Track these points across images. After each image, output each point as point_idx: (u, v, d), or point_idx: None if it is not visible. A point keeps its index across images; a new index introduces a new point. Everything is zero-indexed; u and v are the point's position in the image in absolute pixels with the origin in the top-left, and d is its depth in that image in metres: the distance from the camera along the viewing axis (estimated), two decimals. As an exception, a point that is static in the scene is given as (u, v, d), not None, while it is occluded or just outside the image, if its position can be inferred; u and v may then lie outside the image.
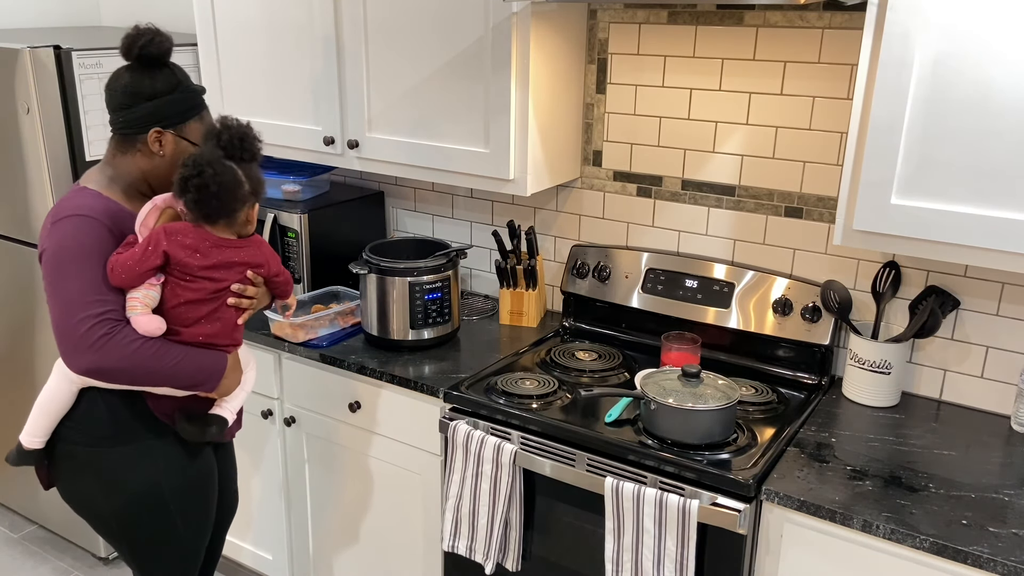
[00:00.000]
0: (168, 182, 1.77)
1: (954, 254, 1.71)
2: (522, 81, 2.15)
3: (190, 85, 1.80)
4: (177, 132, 1.77)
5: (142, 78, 1.74)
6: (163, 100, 1.75)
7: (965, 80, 1.61)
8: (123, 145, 1.78)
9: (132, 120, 1.75)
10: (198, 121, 1.81)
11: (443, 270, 2.33)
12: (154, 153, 1.77)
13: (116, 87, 1.75)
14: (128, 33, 1.73)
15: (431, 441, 2.22)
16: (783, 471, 1.79)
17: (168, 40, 1.75)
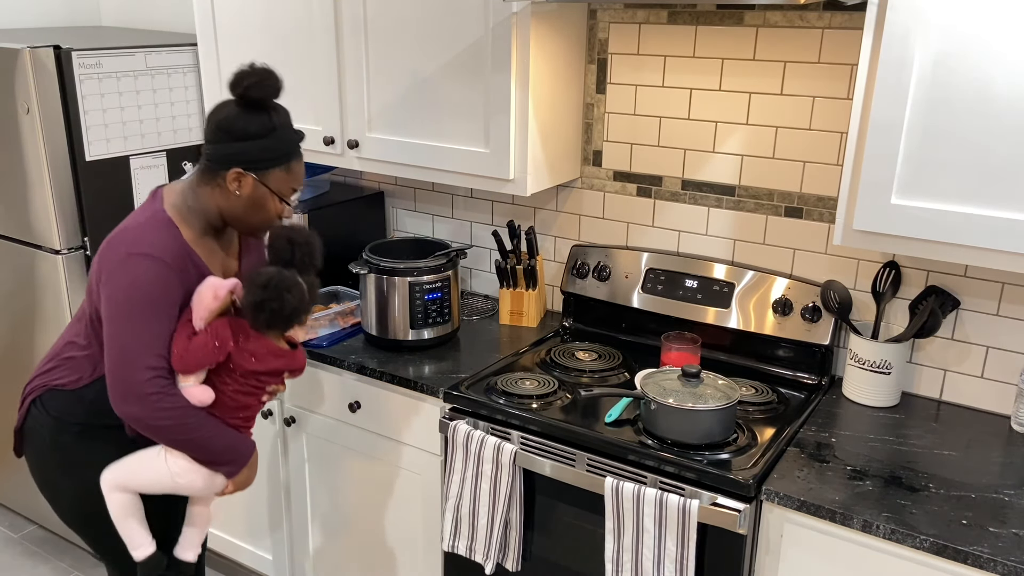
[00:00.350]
0: (241, 222, 1.81)
1: (954, 254, 1.71)
2: (522, 81, 2.15)
3: (285, 134, 1.77)
4: (259, 176, 1.76)
5: (238, 117, 1.72)
6: (251, 143, 1.73)
7: (965, 80, 1.61)
8: (206, 176, 1.78)
9: (217, 155, 1.75)
10: (284, 170, 1.78)
11: (443, 270, 2.33)
12: (231, 192, 1.76)
13: (213, 119, 1.75)
14: (240, 68, 1.72)
15: (431, 441, 2.22)
16: (783, 471, 1.79)
17: (275, 84, 1.73)
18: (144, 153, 2.74)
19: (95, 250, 2.66)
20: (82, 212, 2.63)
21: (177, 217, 1.79)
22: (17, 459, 3.05)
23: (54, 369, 1.90)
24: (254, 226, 1.83)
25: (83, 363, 1.86)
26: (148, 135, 2.74)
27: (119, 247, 1.74)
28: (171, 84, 2.77)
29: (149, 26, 3.32)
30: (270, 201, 1.79)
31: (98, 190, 2.65)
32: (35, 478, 1.96)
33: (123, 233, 1.76)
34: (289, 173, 1.79)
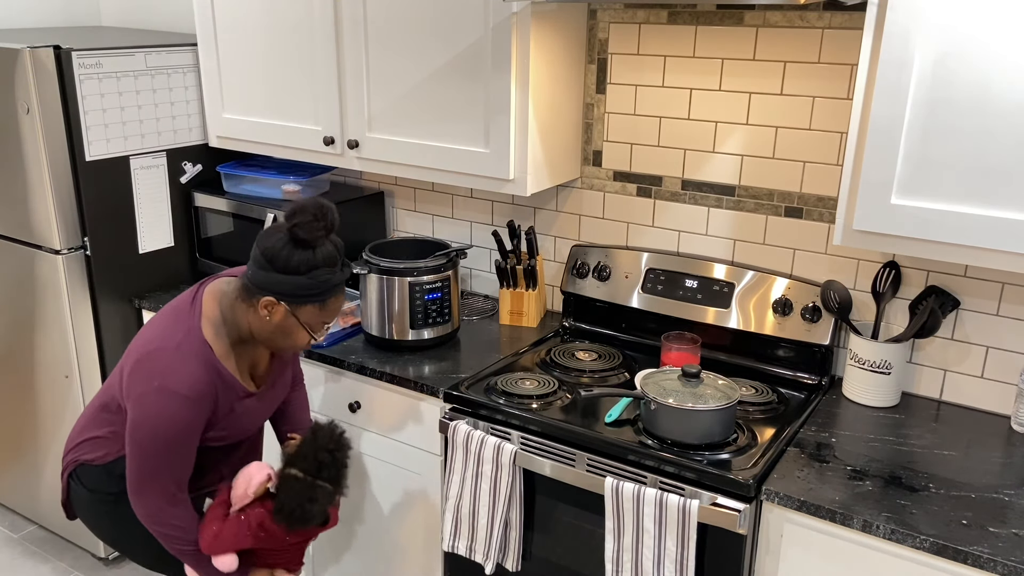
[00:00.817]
0: (268, 343, 1.83)
1: (954, 254, 1.71)
2: (522, 81, 2.15)
3: (324, 275, 1.75)
4: (291, 308, 1.77)
5: (283, 248, 1.73)
6: (289, 278, 1.73)
7: (965, 80, 1.61)
8: (244, 294, 1.80)
9: (256, 280, 1.75)
10: (317, 307, 1.79)
11: (443, 270, 2.33)
12: (262, 316, 1.78)
13: (260, 244, 1.76)
14: (298, 203, 1.72)
15: (431, 441, 2.22)
16: (783, 471, 1.79)
17: (324, 227, 1.72)
18: (144, 153, 2.74)
19: (95, 250, 2.67)
20: (82, 212, 2.63)
21: (211, 332, 1.80)
22: (14, 460, 3.05)
23: (81, 444, 1.94)
24: (281, 348, 1.86)
25: (108, 442, 1.91)
26: (148, 135, 2.74)
27: (152, 375, 1.75)
28: (171, 84, 2.77)
29: (149, 26, 3.32)
30: (298, 331, 1.80)
31: (98, 190, 2.64)
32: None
33: (158, 356, 1.76)
34: (323, 310, 1.80)
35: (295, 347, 1.85)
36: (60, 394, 2.80)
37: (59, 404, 2.81)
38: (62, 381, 2.78)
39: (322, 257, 1.75)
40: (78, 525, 2.95)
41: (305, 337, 1.82)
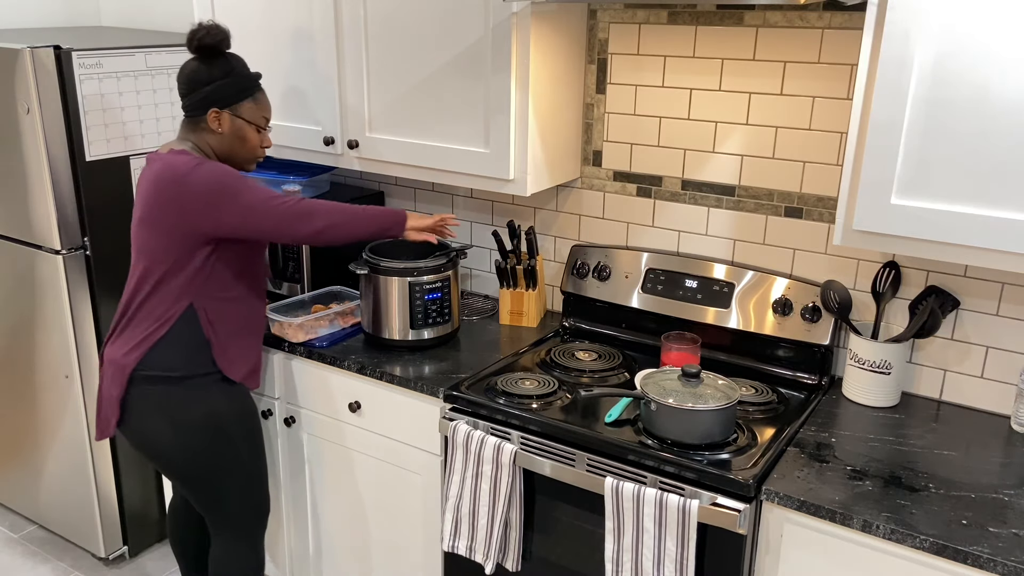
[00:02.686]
0: (231, 157, 2.12)
1: (954, 254, 1.71)
2: (522, 81, 2.15)
3: (243, 71, 2.09)
4: (232, 112, 2.08)
5: (200, 66, 2.05)
6: (218, 85, 2.04)
7: (965, 80, 1.61)
8: (189, 125, 2.10)
9: (194, 103, 2.06)
10: (252, 102, 2.10)
11: (443, 270, 2.33)
12: (214, 131, 2.08)
13: (181, 76, 2.06)
14: (190, 29, 2.02)
15: (431, 441, 2.22)
16: (783, 471, 1.79)
17: (221, 32, 2.03)
18: (144, 153, 2.74)
19: (95, 250, 2.67)
20: (82, 212, 2.63)
21: (197, 155, 2.07)
22: (14, 460, 3.04)
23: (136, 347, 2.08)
24: (243, 158, 2.14)
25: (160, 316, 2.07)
26: (148, 135, 2.74)
27: (181, 170, 1.99)
28: (171, 84, 2.77)
29: (149, 26, 3.32)
30: (249, 131, 2.11)
31: (98, 190, 2.65)
32: (146, 450, 2.15)
33: (173, 165, 2.00)
34: (257, 104, 2.11)
35: (254, 151, 2.14)
36: (60, 394, 2.80)
37: (59, 404, 2.81)
38: (62, 381, 2.78)
39: (233, 59, 2.08)
40: (78, 525, 2.95)
41: (256, 136, 2.12)
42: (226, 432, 2.16)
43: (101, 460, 2.84)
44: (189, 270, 2.05)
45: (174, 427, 2.10)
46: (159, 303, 2.07)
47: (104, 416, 2.14)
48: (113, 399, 2.10)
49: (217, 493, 2.20)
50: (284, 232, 2.03)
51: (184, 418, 2.10)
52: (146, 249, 2.06)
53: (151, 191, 2.02)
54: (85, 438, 2.79)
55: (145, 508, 3.01)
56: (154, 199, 2.02)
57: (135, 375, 2.07)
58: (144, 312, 2.09)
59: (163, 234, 2.02)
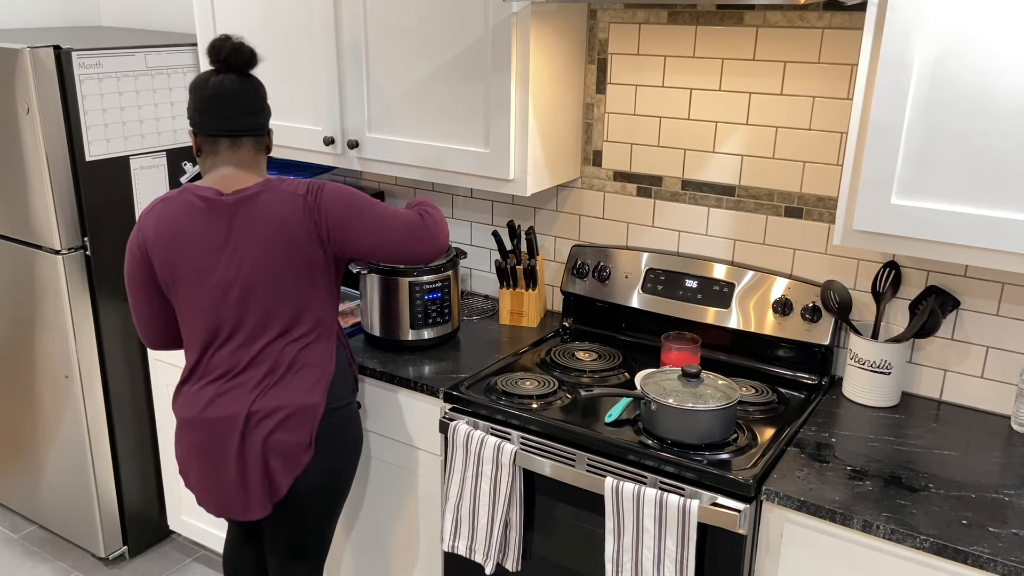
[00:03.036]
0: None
1: (954, 254, 1.71)
2: (522, 81, 2.15)
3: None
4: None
5: (251, 81, 1.88)
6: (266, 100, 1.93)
7: (965, 80, 1.61)
8: (258, 144, 1.93)
9: (259, 122, 1.90)
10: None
11: (443, 270, 2.33)
12: (269, 148, 1.96)
13: (245, 90, 1.86)
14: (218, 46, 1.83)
15: (431, 441, 2.22)
16: (783, 471, 1.79)
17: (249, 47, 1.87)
18: (144, 153, 2.74)
19: (95, 250, 2.67)
20: (82, 212, 2.63)
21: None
22: (14, 460, 3.04)
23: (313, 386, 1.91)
24: None
25: (319, 342, 1.94)
26: (148, 135, 2.74)
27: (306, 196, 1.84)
28: (171, 84, 2.77)
29: (149, 26, 3.32)
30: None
31: (98, 190, 2.65)
32: (324, 490, 1.99)
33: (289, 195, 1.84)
34: None
35: None
36: (60, 394, 2.80)
37: (59, 404, 2.81)
38: (62, 381, 2.78)
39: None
40: (78, 525, 2.95)
41: None
42: (358, 458, 2.10)
43: (101, 460, 2.84)
44: (331, 296, 1.95)
45: (351, 458, 2.03)
46: (318, 337, 1.92)
47: (288, 464, 1.89)
48: (302, 444, 1.88)
49: (330, 526, 2.08)
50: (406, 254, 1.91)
51: (354, 447, 2.04)
52: (289, 292, 1.85)
53: (281, 232, 1.80)
54: (85, 438, 2.79)
55: (145, 508, 3.01)
56: (289, 236, 1.81)
57: (327, 411, 1.93)
58: (307, 351, 1.90)
59: (306, 270, 1.85)
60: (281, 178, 1.88)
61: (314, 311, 1.90)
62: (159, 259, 1.87)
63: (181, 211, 1.85)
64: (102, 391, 2.79)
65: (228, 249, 1.82)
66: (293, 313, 1.87)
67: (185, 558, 3.03)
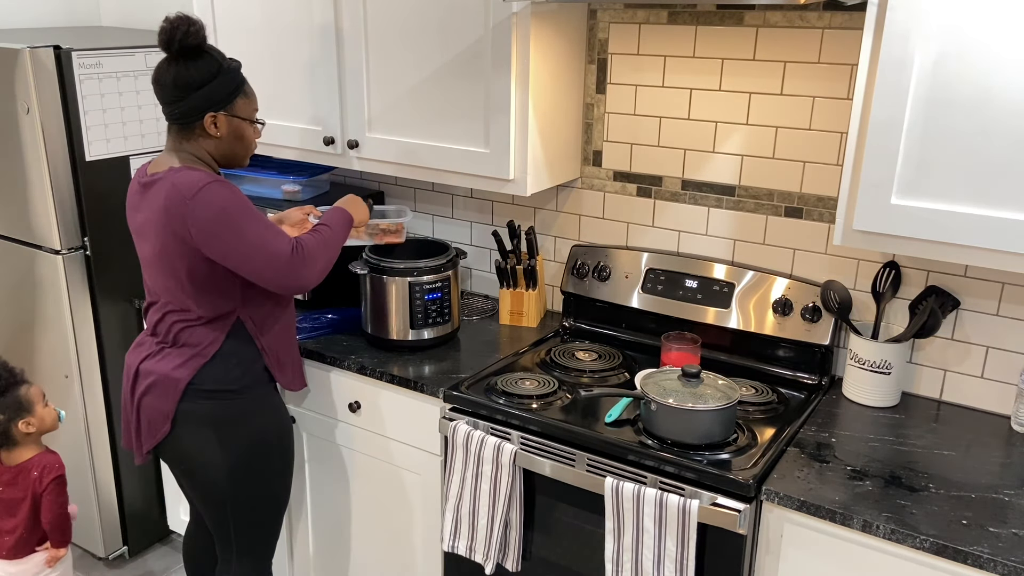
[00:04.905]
0: (229, 158, 2.00)
1: (954, 254, 1.71)
2: (522, 81, 2.15)
3: (229, 66, 1.93)
4: (228, 112, 1.93)
5: (187, 69, 1.87)
6: (210, 87, 1.89)
7: (965, 80, 1.61)
8: (184, 132, 1.94)
9: (187, 110, 1.90)
10: (243, 96, 1.96)
11: (443, 270, 2.33)
12: (211, 136, 1.93)
13: (166, 82, 1.88)
14: (162, 27, 1.84)
15: (431, 441, 2.22)
16: (783, 471, 1.79)
17: (202, 27, 1.86)
18: (144, 153, 2.74)
19: (95, 250, 2.67)
20: (82, 212, 2.63)
21: (196, 166, 1.94)
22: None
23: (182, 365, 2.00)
24: (241, 157, 2.02)
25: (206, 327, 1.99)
26: (148, 135, 2.74)
27: (185, 192, 1.84)
28: (171, 84, 2.76)
29: (149, 26, 3.32)
30: (245, 128, 1.97)
31: (98, 190, 2.65)
32: (186, 465, 2.07)
33: (175, 188, 1.86)
34: (247, 98, 1.97)
35: (250, 147, 2.01)
36: (60, 394, 2.80)
37: (59, 404, 2.81)
38: (62, 381, 2.78)
39: (216, 54, 1.91)
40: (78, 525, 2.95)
41: (251, 131, 1.99)
42: (268, 451, 2.10)
43: (101, 460, 2.84)
44: (228, 288, 1.97)
45: (220, 441, 2.02)
46: (206, 321, 1.99)
47: (148, 429, 2.04)
48: (164, 413, 2.00)
49: (242, 514, 2.12)
50: (272, 285, 1.91)
51: (233, 432, 2.04)
52: (177, 275, 1.94)
53: (163, 220, 1.88)
54: (85, 438, 2.79)
55: (145, 508, 3.01)
56: (168, 228, 1.88)
57: (189, 388, 1.98)
58: (190, 331, 1.99)
59: (186, 260, 1.91)
60: (191, 169, 1.89)
61: (206, 298, 1.96)
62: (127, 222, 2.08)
63: (133, 182, 2.02)
64: (102, 391, 2.80)
65: (142, 226, 1.97)
66: (186, 294, 1.96)
67: (185, 558, 3.03)
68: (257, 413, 2.07)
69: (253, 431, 2.07)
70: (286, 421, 2.17)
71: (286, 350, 2.13)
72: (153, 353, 2.04)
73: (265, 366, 2.08)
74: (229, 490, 2.08)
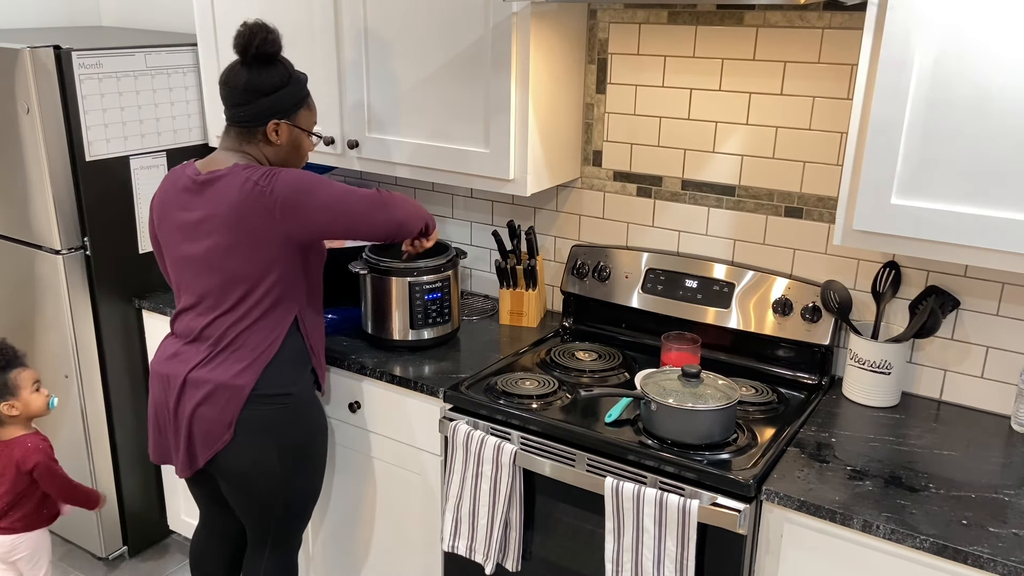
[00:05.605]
0: (285, 164, 2.02)
1: (954, 254, 1.71)
2: (522, 81, 2.15)
3: (298, 77, 1.99)
4: (291, 122, 1.98)
5: (260, 74, 1.92)
6: (278, 95, 1.94)
7: (965, 80, 1.61)
8: (245, 136, 1.97)
9: (253, 114, 1.94)
10: (306, 109, 2.02)
11: (443, 270, 2.33)
12: (272, 142, 1.98)
13: (236, 84, 1.93)
14: (240, 31, 1.90)
15: (431, 441, 2.22)
16: (783, 471, 1.79)
17: (278, 36, 1.92)
18: (144, 153, 2.74)
19: (95, 250, 2.67)
20: (82, 212, 2.63)
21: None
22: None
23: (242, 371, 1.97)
24: (294, 165, 2.05)
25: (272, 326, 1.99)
26: (148, 135, 2.74)
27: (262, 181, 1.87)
28: (171, 84, 2.77)
29: (149, 26, 3.32)
30: (303, 139, 2.03)
31: (98, 190, 2.65)
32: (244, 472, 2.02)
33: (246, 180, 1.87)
34: (310, 110, 2.03)
35: (304, 158, 2.07)
36: (60, 394, 2.80)
37: (59, 404, 2.81)
38: (62, 381, 2.78)
39: (287, 64, 1.97)
40: (78, 525, 2.95)
41: (308, 143, 2.05)
42: (315, 452, 2.12)
43: (101, 460, 2.84)
44: (292, 280, 1.97)
45: (279, 448, 2.01)
46: (266, 320, 1.97)
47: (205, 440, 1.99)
48: (224, 422, 1.97)
49: (287, 513, 2.12)
50: (366, 225, 1.96)
51: (290, 438, 2.03)
52: (238, 271, 1.92)
53: (234, 214, 1.87)
54: (85, 438, 2.79)
55: (145, 508, 3.01)
56: (243, 218, 1.87)
57: (252, 395, 1.96)
58: (248, 333, 1.97)
59: (258, 251, 1.90)
60: (250, 164, 1.92)
61: (265, 295, 1.95)
62: (155, 223, 2.06)
63: (171, 183, 2.00)
64: (102, 391, 2.79)
65: (195, 225, 1.93)
66: (241, 294, 1.94)
67: (185, 558, 3.03)
68: (306, 414, 2.07)
69: (303, 433, 2.07)
70: (324, 418, 2.18)
71: (321, 348, 2.16)
72: (204, 360, 1.98)
73: (312, 367, 2.10)
74: (282, 493, 2.07)
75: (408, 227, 2.03)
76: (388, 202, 1.99)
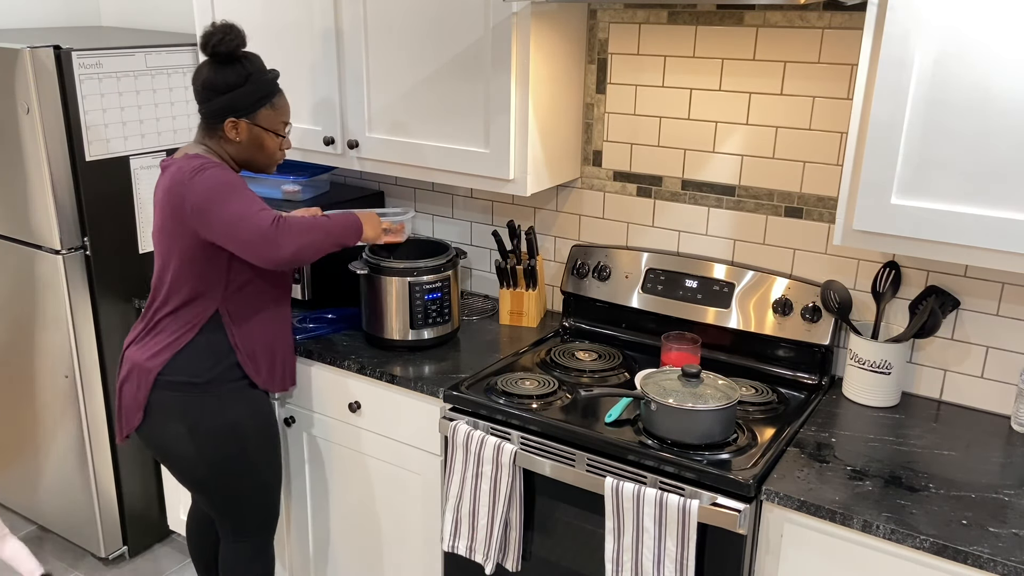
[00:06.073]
0: (250, 163, 2.09)
1: (954, 254, 1.71)
2: (522, 81, 2.15)
3: (260, 76, 2.02)
4: (250, 120, 2.02)
5: (216, 73, 1.98)
6: (234, 94, 1.99)
7: (965, 80, 1.61)
8: (208, 131, 2.05)
9: (210, 112, 2.01)
10: (269, 108, 2.04)
11: (443, 270, 2.33)
12: (231, 140, 2.03)
13: (196, 82, 2.01)
14: (204, 31, 1.96)
15: (431, 441, 2.22)
16: (783, 471, 1.79)
17: (237, 36, 1.96)
18: (144, 153, 2.74)
19: (95, 250, 2.67)
20: (82, 212, 2.63)
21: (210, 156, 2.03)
22: (14, 460, 3.04)
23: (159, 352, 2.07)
24: (262, 164, 2.10)
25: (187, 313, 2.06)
26: (148, 135, 2.74)
27: (185, 176, 1.95)
28: (171, 84, 2.77)
29: (149, 26, 3.32)
30: (267, 138, 2.05)
31: (98, 190, 2.65)
32: (161, 454, 2.15)
33: (181, 170, 1.97)
34: (275, 110, 2.05)
35: (272, 156, 2.09)
36: (60, 394, 2.80)
37: (59, 404, 2.81)
38: (62, 381, 2.78)
39: (249, 63, 2.00)
40: (78, 525, 2.95)
41: (275, 142, 2.07)
42: (244, 441, 2.15)
43: (101, 460, 2.84)
44: (211, 276, 2.03)
45: (192, 434, 2.09)
46: (185, 309, 2.06)
47: (126, 416, 2.14)
48: (137, 402, 2.09)
49: (229, 500, 2.20)
50: (251, 254, 1.94)
51: (203, 425, 2.09)
52: (169, 257, 2.04)
53: (165, 199, 1.99)
54: (85, 438, 2.79)
55: (145, 508, 3.01)
56: (168, 206, 1.99)
57: (159, 379, 2.06)
58: (170, 318, 2.07)
59: (179, 241, 2.00)
60: (198, 156, 2.00)
61: (183, 284, 2.04)
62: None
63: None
64: (102, 391, 2.80)
65: (155, 206, 2.07)
66: (172, 280, 2.05)
67: (185, 558, 3.03)
68: (229, 408, 2.11)
69: (225, 424, 2.11)
70: (264, 415, 2.19)
71: (264, 348, 2.16)
72: (136, 339, 2.13)
73: (238, 362, 2.11)
74: (208, 480, 2.15)
75: (301, 260, 1.98)
76: (275, 239, 1.93)
